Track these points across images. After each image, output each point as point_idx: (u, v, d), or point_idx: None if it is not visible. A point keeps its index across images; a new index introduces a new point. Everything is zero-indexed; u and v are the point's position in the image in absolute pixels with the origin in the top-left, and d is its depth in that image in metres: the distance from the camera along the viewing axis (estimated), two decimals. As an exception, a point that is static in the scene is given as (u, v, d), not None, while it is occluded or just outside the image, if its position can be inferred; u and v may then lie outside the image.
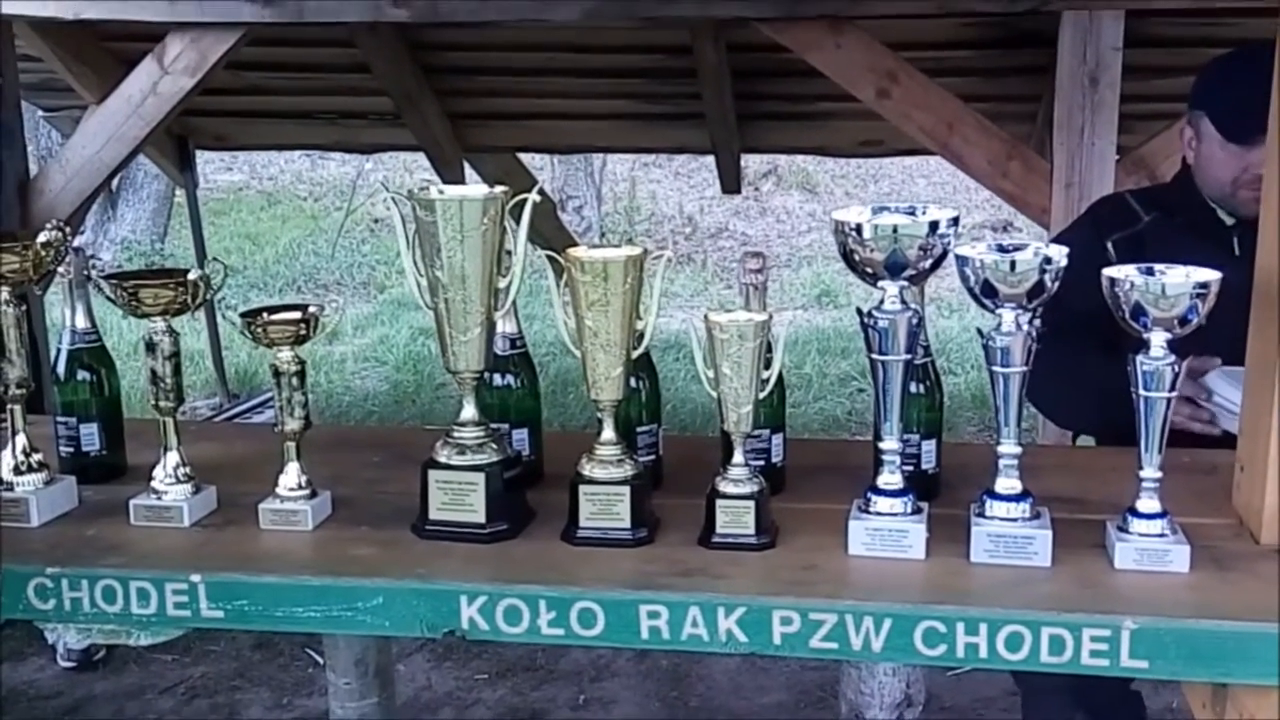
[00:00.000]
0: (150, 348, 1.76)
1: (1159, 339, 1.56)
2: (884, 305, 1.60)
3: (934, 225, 1.55)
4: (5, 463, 1.79)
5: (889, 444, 1.64)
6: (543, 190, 1.92)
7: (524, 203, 1.64)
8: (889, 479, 1.64)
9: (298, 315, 1.75)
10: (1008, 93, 4.50)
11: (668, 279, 1.58)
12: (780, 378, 1.75)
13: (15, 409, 1.79)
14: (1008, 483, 1.62)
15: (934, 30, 4.03)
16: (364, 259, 9.95)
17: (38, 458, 1.81)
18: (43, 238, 1.77)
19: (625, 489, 1.67)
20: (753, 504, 1.65)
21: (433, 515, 1.70)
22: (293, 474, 1.77)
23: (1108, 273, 1.58)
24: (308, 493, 1.77)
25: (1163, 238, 2.26)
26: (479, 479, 1.68)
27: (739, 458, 1.67)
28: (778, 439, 1.84)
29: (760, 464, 1.76)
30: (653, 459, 1.85)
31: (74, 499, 1.84)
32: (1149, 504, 1.59)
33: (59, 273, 1.86)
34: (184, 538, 1.74)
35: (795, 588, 1.53)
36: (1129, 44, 3.33)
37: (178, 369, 1.78)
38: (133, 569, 1.62)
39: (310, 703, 3.52)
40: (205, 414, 5.67)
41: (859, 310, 1.62)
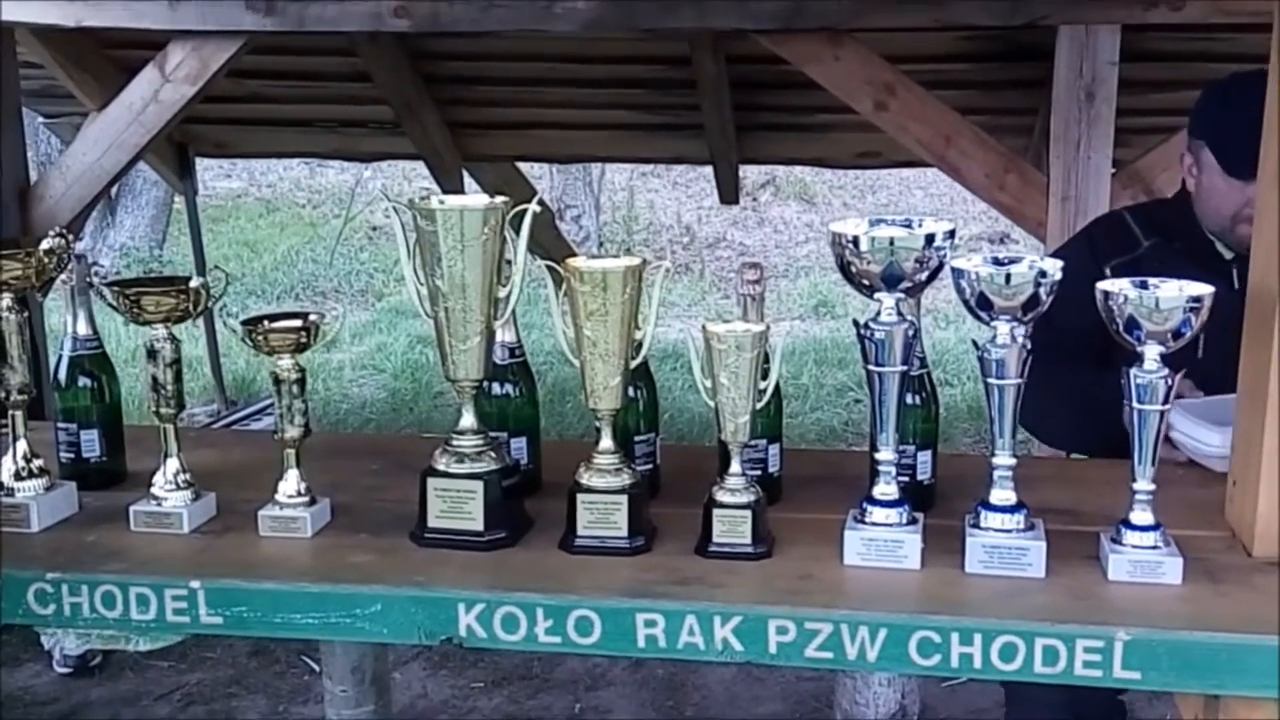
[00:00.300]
0: (152, 355, 1.77)
1: (1152, 352, 1.57)
2: (880, 317, 1.61)
3: (930, 238, 1.57)
4: (6, 468, 1.80)
5: (885, 455, 1.65)
6: (542, 200, 1.93)
7: (524, 213, 1.65)
8: (885, 489, 1.65)
9: (299, 323, 1.75)
10: (1005, 106, 4.51)
11: (665, 288, 1.59)
12: (777, 388, 1.76)
13: (17, 415, 1.80)
14: (1002, 494, 1.63)
15: (932, 43, 4.05)
16: (362, 266, 9.96)
17: (38, 463, 1.81)
18: (46, 245, 1.78)
19: (623, 498, 1.68)
20: (749, 514, 1.65)
21: (431, 523, 1.71)
22: (292, 481, 1.77)
23: (1101, 286, 1.59)
24: (307, 500, 1.77)
25: (1161, 267, 2.21)
26: (478, 487, 1.69)
27: (736, 467, 1.68)
28: (774, 449, 1.86)
29: (757, 474, 1.77)
30: (650, 468, 1.86)
31: (74, 505, 1.85)
32: (1142, 516, 1.61)
33: (61, 279, 1.87)
34: (184, 544, 1.74)
35: (791, 597, 1.54)
36: (1125, 58, 3.34)
37: (179, 376, 1.79)
38: (132, 575, 1.63)
39: (306, 710, 3.52)
40: (203, 421, 5.66)
41: (855, 322, 1.63)
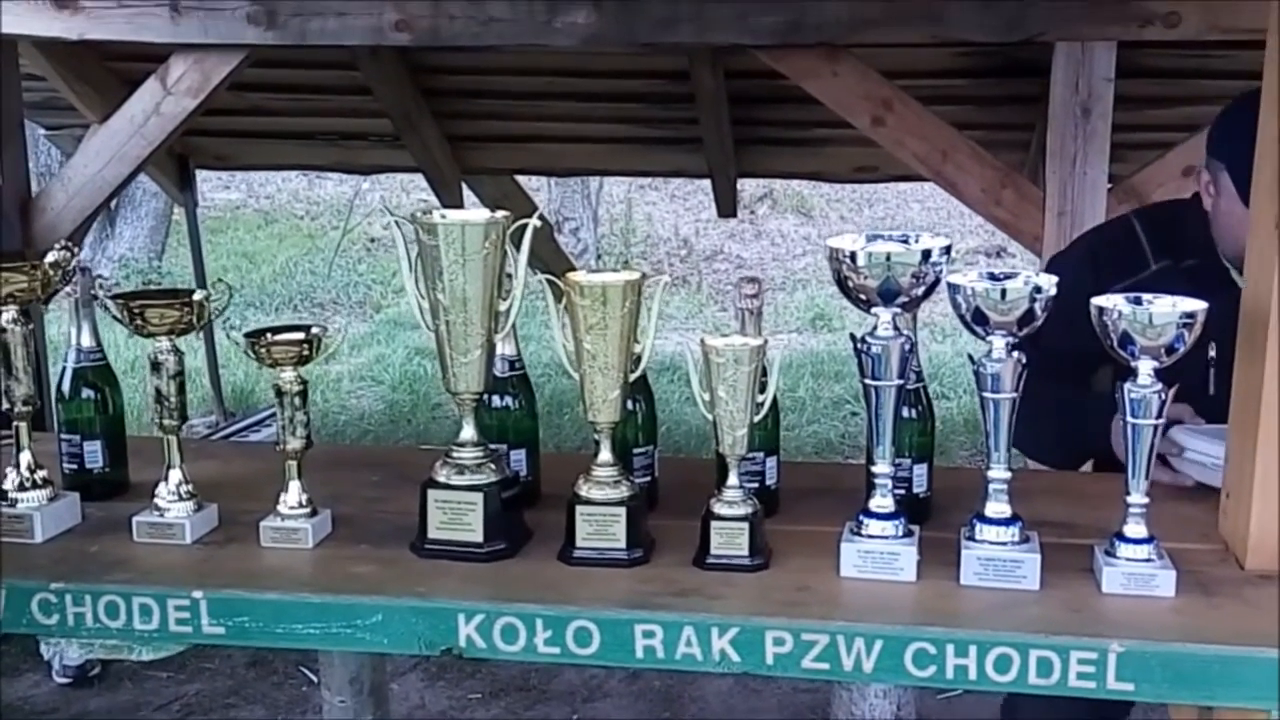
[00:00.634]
0: (155, 367, 1.78)
1: (1146, 367, 1.58)
2: (877, 331, 1.62)
3: (927, 254, 1.58)
4: (10, 479, 1.81)
5: (881, 468, 1.66)
6: (542, 216, 1.94)
7: (525, 228, 1.66)
8: (881, 502, 1.66)
9: (301, 336, 1.77)
10: (1001, 121, 4.54)
11: (663, 301, 1.60)
12: (774, 401, 1.77)
13: (21, 426, 1.81)
14: (998, 507, 1.64)
15: (929, 59, 4.07)
16: (360, 278, 9.98)
17: (42, 474, 1.82)
18: (51, 257, 1.79)
19: (621, 510, 1.69)
20: (747, 526, 1.67)
21: (431, 534, 1.72)
22: (294, 492, 1.78)
23: (1096, 302, 1.61)
24: (308, 511, 1.78)
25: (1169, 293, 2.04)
26: (477, 499, 1.70)
27: (733, 480, 1.69)
28: (772, 462, 1.87)
29: (754, 486, 1.78)
30: (648, 480, 1.88)
31: (77, 515, 1.86)
32: (1136, 529, 1.62)
33: (65, 292, 1.88)
34: (186, 554, 1.75)
35: (788, 609, 1.55)
36: (1121, 74, 3.36)
37: (182, 388, 1.80)
38: (135, 585, 1.64)
39: (304, 721, 3.53)
40: (202, 432, 5.67)
41: (852, 336, 1.65)
